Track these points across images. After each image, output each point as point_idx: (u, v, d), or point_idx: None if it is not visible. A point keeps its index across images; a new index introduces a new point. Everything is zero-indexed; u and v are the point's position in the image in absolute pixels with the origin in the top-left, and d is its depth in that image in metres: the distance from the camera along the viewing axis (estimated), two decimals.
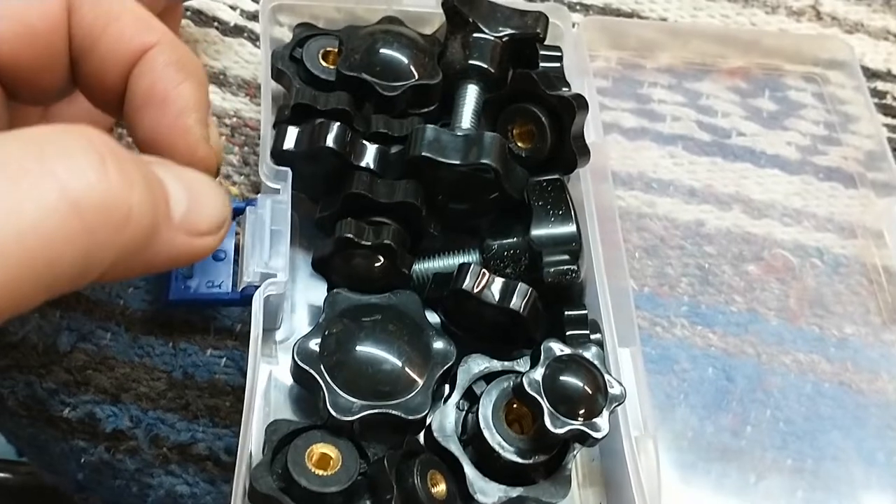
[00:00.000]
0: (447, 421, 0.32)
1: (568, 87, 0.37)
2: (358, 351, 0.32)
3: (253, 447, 0.31)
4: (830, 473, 0.35)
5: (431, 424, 0.31)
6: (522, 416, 0.32)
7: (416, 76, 0.37)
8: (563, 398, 0.30)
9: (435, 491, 0.29)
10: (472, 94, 0.37)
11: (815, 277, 0.39)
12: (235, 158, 0.39)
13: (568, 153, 0.35)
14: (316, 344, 0.32)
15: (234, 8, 0.43)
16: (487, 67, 0.37)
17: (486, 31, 0.37)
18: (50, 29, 0.27)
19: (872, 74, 0.48)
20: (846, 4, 0.50)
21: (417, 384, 0.32)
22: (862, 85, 0.44)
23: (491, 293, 0.32)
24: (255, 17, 0.42)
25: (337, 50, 0.38)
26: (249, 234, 0.33)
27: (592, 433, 0.29)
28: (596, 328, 0.34)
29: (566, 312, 0.33)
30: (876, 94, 0.47)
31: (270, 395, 0.33)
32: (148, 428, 0.33)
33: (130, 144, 0.30)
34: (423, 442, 0.32)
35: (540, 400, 0.30)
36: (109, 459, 0.34)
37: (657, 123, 0.43)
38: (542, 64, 0.37)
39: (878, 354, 0.38)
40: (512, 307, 0.32)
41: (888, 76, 0.48)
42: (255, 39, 0.42)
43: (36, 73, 0.28)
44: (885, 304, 0.39)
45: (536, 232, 0.34)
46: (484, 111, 0.37)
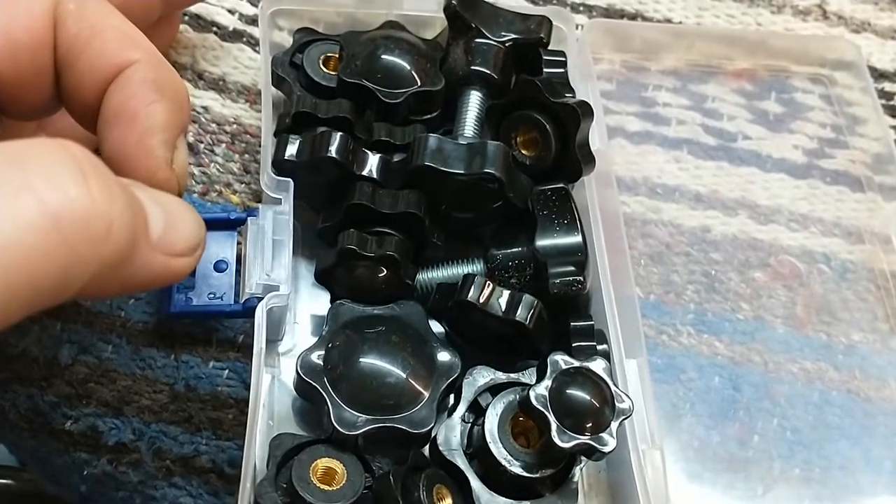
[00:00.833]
0: (452, 434, 0.31)
1: (572, 92, 0.37)
2: (362, 363, 0.31)
3: (257, 461, 0.31)
4: (838, 483, 0.35)
5: (437, 438, 0.31)
6: (529, 429, 0.31)
7: (417, 83, 0.36)
8: (569, 412, 0.29)
9: None
10: (474, 100, 0.36)
11: (822, 284, 0.39)
12: (236, 166, 0.38)
13: (573, 161, 0.35)
14: (319, 357, 0.31)
15: (232, 12, 0.42)
16: (490, 73, 0.36)
17: (488, 36, 0.37)
18: (35, 43, 0.27)
19: (880, 75, 0.47)
20: (853, 3, 0.50)
21: (422, 397, 0.31)
22: (869, 86, 0.44)
23: (496, 305, 0.32)
24: (254, 21, 0.42)
25: (338, 56, 0.37)
26: (251, 245, 0.32)
27: (600, 447, 0.29)
28: (602, 339, 0.33)
29: (572, 324, 0.33)
30: (883, 95, 0.46)
31: (274, 407, 0.33)
32: (151, 441, 0.33)
33: None
34: (428, 455, 0.32)
35: (547, 414, 0.29)
36: (112, 472, 0.33)
37: (662, 127, 0.42)
38: (545, 69, 0.37)
39: (885, 362, 0.38)
40: (518, 319, 0.32)
41: (895, 76, 0.47)
42: (254, 44, 0.41)
43: (21, 87, 0.27)
44: (892, 310, 0.39)
45: (541, 242, 0.33)
46: (487, 118, 0.36)
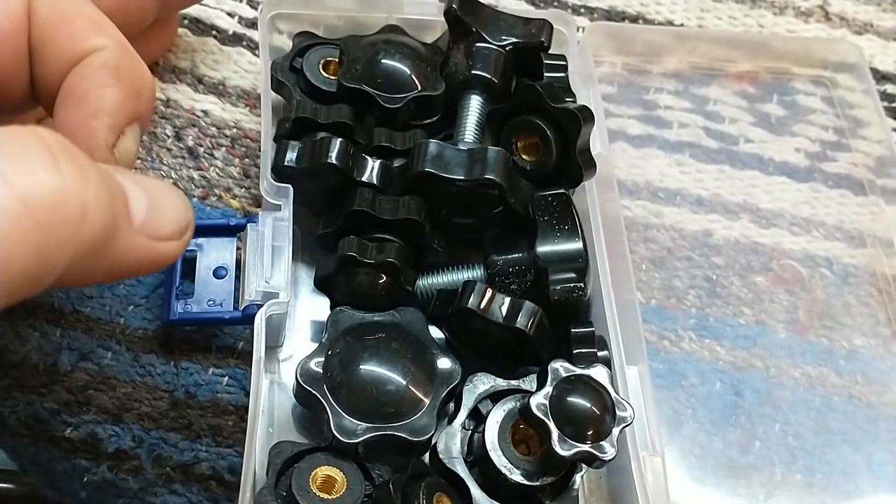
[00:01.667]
0: (453, 442, 0.31)
1: (573, 97, 0.36)
2: (362, 371, 0.31)
3: (257, 468, 0.31)
4: (840, 488, 0.35)
5: (437, 445, 0.31)
6: (529, 436, 0.31)
7: (418, 87, 0.36)
8: (570, 420, 0.29)
9: None
10: (475, 105, 0.36)
11: (824, 288, 0.39)
12: (236, 171, 0.38)
13: (574, 166, 0.35)
14: (319, 364, 0.31)
15: (232, 15, 0.42)
16: (491, 78, 0.36)
17: (489, 40, 0.37)
18: (15, 29, 0.27)
19: (882, 77, 0.47)
20: (855, 4, 0.49)
21: (422, 404, 0.31)
22: (871, 88, 0.44)
23: (497, 312, 0.32)
24: (254, 24, 0.42)
25: (338, 60, 0.37)
26: (250, 251, 0.32)
27: (600, 455, 0.29)
28: (603, 345, 0.33)
29: (573, 330, 0.33)
30: (886, 97, 0.46)
31: (274, 414, 0.33)
32: (150, 448, 0.33)
33: None
34: (428, 463, 0.31)
35: (547, 422, 0.29)
36: (112, 479, 0.33)
37: (664, 130, 0.42)
38: (546, 73, 0.37)
39: (888, 366, 0.37)
40: (518, 326, 0.32)
41: None
42: (254, 48, 0.41)
43: (5, 76, 0.27)
44: (894, 314, 0.39)
45: (542, 248, 0.33)
46: (488, 123, 0.36)
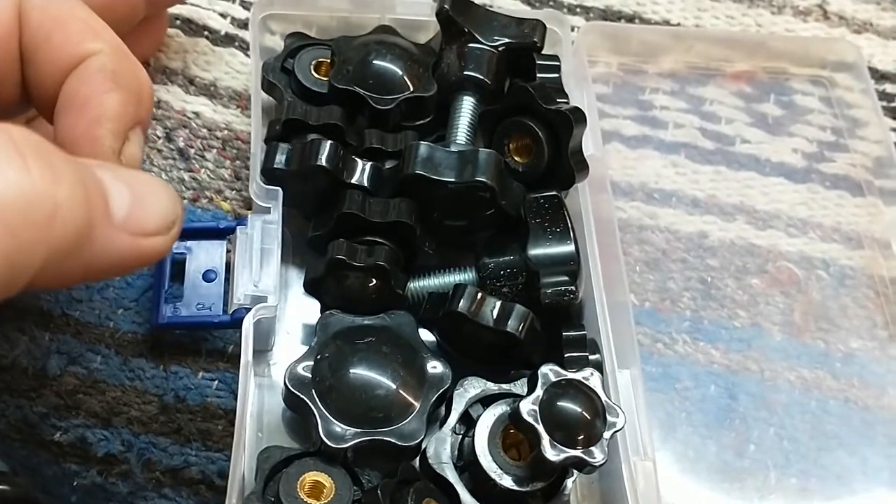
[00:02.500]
0: (443, 447, 0.31)
1: (566, 98, 0.36)
2: (351, 375, 0.31)
3: (246, 473, 0.30)
4: (835, 493, 0.35)
5: (427, 450, 0.31)
6: (519, 441, 0.31)
7: (410, 88, 0.36)
8: (560, 425, 0.29)
9: None
10: (467, 106, 0.36)
11: (820, 290, 0.38)
12: (227, 172, 0.38)
13: (566, 168, 0.34)
14: (308, 369, 0.31)
15: (224, 16, 0.42)
16: (483, 78, 0.36)
17: (481, 40, 0.36)
18: (5, 33, 0.26)
19: (881, 76, 0.46)
20: (854, 3, 0.49)
21: (412, 409, 0.31)
22: (870, 88, 0.43)
23: (487, 315, 0.31)
24: (246, 25, 0.41)
25: (329, 61, 0.37)
26: (239, 255, 0.32)
27: (590, 461, 0.29)
28: (595, 349, 0.33)
29: (564, 334, 0.33)
30: (885, 96, 0.46)
31: (263, 418, 0.33)
32: (140, 452, 0.33)
33: None
34: (418, 468, 0.31)
35: (537, 427, 0.29)
36: (102, 483, 0.33)
37: (659, 131, 0.42)
38: (539, 74, 0.36)
39: (884, 369, 0.37)
40: (509, 329, 0.31)
41: None
42: (246, 48, 0.41)
43: None
44: (892, 317, 0.38)
45: (533, 251, 0.33)
46: (480, 124, 0.36)
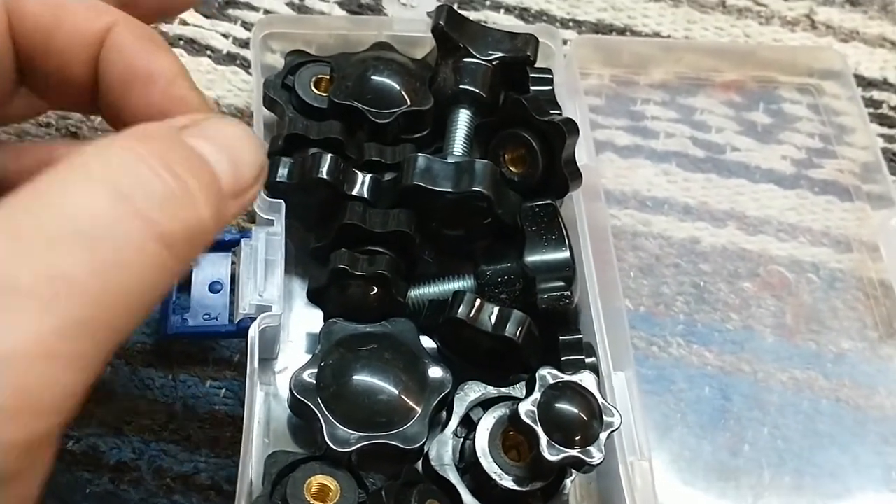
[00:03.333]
0: (444, 449, 0.32)
1: (559, 109, 0.37)
2: (354, 381, 0.32)
3: (253, 478, 0.31)
4: (829, 490, 0.35)
5: (429, 453, 0.32)
6: (519, 443, 0.32)
7: (407, 102, 0.37)
8: (558, 426, 0.30)
9: None
10: (463, 119, 0.37)
11: (811, 293, 0.39)
12: None
13: (560, 177, 0.35)
14: (312, 375, 0.32)
15: (226, 36, 0.43)
16: (479, 92, 0.37)
17: (476, 55, 0.38)
18: None
19: (868, 83, 0.48)
20: (841, 12, 0.50)
21: (414, 413, 0.32)
22: (856, 95, 0.44)
23: (486, 321, 0.32)
24: (247, 44, 0.43)
25: (329, 77, 0.38)
26: (244, 266, 0.33)
27: (588, 460, 0.30)
28: (591, 352, 0.34)
29: (561, 338, 0.34)
30: (872, 103, 0.47)
31: (270, 424, 0.34)
32: (151, 459, 0.34)
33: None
34: (421, 470, 0.32)
35: (536, 428, 0.30)
36: (114, 490, 0.34)
37: (651, 140, 0.43)
38: (532, 87, 0.37)
39: (874, 369, 0.38)
40: (507, 335, 0.32)
41: (884, 84, 0.48)
42: (247, 67, 0.42)
43: None
44: (881, 318, 0.39)
45: (530, 258, 0.34)
46: (476, 136, 0.37)
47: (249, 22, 0.44)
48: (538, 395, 0.30)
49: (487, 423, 0.32)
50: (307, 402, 0.31)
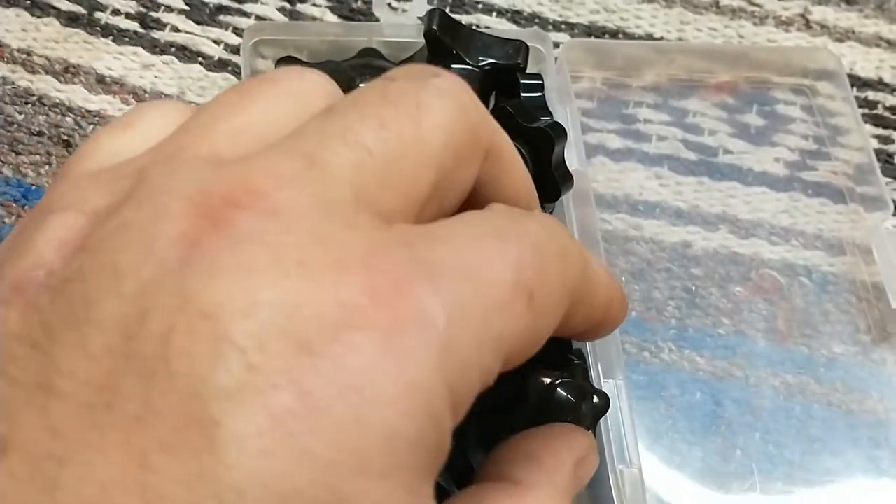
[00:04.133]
0: None
1: (549, 114, 0.37)
2: None
3: None
4: (821, 496, 0.35)
5: None
6: None
7: None
8: (550, 421, 0.30)
9: None
10: None
11: (803, 297, 0.39)
12: None
13: (550, 182, 0.35)
14: None
15: (217, 42, 0.43)
16: None
17: (466, 60, 0.37)
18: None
19: (864, 84, 0.47)
20: (836, 12, 0.50)
21: None
22: (850, 96, 0.44)
23: None
24: (238, 50, 0.43)
25: None
26: None
27: None
28: (581, 358, 0.34)
29: (550, 342, 0.34)
30: (867, 103, 0.47)
31: None
32: None
33: None
34: None
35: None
36: None
37: (643, 144, 0.43)
38: (523, 94, 0.37)
39: (867, 373, 0.38)
40: None
41: (879, 85, 0.48)
42: (239, 73, 0.42)
43: None
44: (874, 321, 0.39)
45: None
46: None
47: (241, 28, 0.44)
48: (530, 396, 0.30)
49: (477, 427, 0.32)
50: None
